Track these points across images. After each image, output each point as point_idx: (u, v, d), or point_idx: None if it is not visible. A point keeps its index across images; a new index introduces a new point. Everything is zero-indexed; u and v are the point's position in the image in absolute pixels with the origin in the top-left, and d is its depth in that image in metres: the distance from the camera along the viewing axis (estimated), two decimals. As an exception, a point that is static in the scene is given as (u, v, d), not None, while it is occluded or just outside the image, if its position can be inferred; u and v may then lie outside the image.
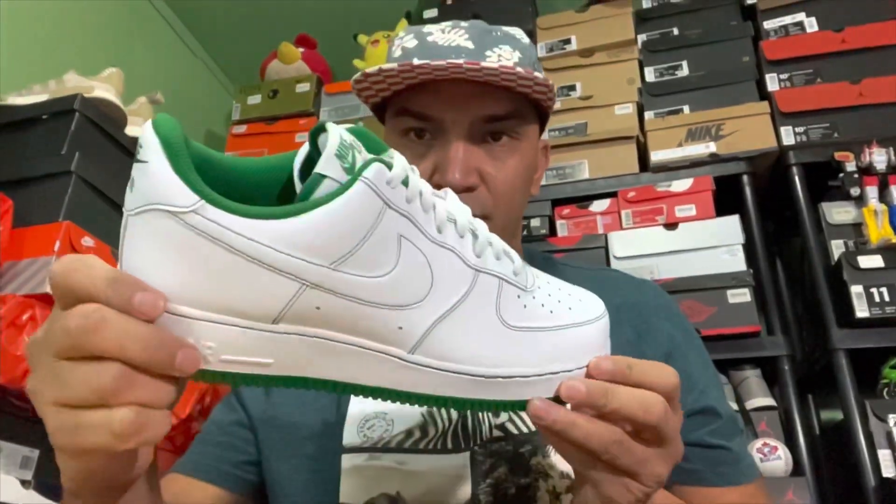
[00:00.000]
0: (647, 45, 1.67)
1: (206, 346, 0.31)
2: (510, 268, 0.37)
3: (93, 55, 1.72)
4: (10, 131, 1.28)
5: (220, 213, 0.30)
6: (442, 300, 0.35)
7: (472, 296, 0.35)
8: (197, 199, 0.29)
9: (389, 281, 0.33)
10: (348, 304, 0.32)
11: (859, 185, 1.32)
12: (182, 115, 2.05)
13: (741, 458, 0.61)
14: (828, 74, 1.48)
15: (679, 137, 1.52)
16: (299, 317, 0.32)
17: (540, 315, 0.37)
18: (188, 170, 0.30)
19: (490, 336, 0.36)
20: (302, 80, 1.95)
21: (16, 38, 1.52)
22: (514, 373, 0.36)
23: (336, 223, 0.31)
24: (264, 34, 2.14)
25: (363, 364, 0.35)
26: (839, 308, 1.27)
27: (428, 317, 0.34)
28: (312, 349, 0.33)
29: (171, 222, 0.30)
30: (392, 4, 2.03)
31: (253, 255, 0.30)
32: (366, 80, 0.62)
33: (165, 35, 2.12)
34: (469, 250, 0.36)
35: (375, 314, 0.33)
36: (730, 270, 1.35)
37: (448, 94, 0.61)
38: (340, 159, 0.31)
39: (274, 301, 0.31)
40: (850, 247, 1.33)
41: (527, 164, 0.65)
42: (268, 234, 0.30)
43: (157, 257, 0.30)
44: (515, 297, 0.37)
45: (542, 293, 0.38)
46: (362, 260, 0.32)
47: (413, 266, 0.34)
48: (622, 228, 1.49)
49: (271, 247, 0.30)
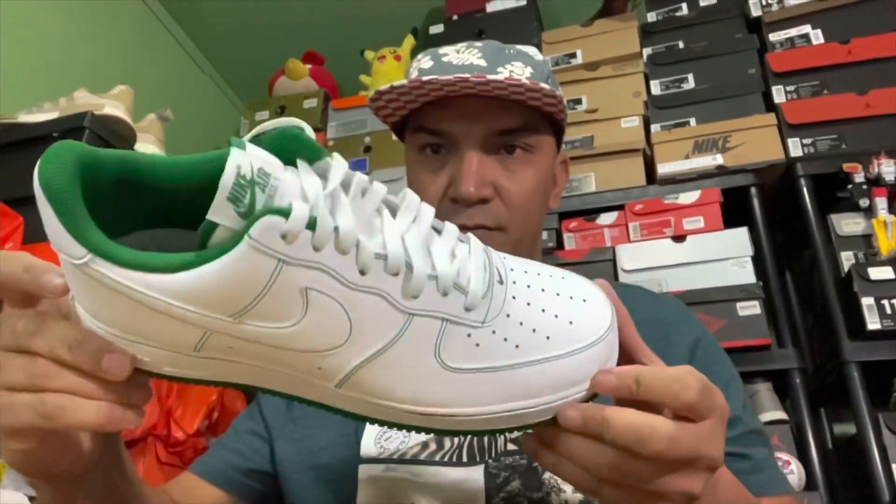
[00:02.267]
0: (652, 58, 1.67)
1: (142, 360, 0.32)
2: (460, 303, 0.33)
3: (103, 73, 1.74)
4: (22, 148, 1.29)
5: (110, 266, 0.28)
6: (364, 346, 0.31)
7: (402, 340, 0.32)
8: (85, 253, 0.28)
9: (298, 330, 0.30)
10: (260, 347, 0.31)
11: (868, 196, 1.31)
12: (191, 131, 2.07)
13: (762, 467, 0.59)
14: (834, 86, 1.48)
15: (686, 150, 1.52)
16: (216, 350, 0.31)
17: (499, 353, 0.33)
18: (75, 219, 0.28)
19: (426, 379, 0.33)
20: (309, 95, 1.96)
21: (27, 57, 1.54)
22: (455, 412, 0.33)
23: (226, 281, 0.28)
24: (272, 51, 2.16)
25: (297, 384, 0.33)
26: (850, 320, 1.25)
27: (348, 362, 0.32)
28: (242, 370, 0.33)
29: (75, 270, 0.29)
30: (398, 21, 2.05)
31: (151, 306, 0.29)
32: (381, 99, 0.64)
33: (175, 52, 2.14)
34: (399, 291, 0.31)
35: (290, 356, 0.31)
36: (739, 283, 1.34)
37: (461, 108, 0.63)
38: (234, 203, 0.28)
39: (186, 340, 0.30)
40: (860, 258, 1.32)
41: (542, 177, 0.65)
42: (161, 289, 0.28)
43: (82, 293, 0.31)
44: (464, 337, 0.33)
45: (511, 323, 0.34)
46: (263, 313, 0.29)
47: (325, 315, 0.30)
48: (630, 241, 1.48)
49: (166, 301, 0.29)
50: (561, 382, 0.34)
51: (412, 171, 0.68)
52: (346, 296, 0.30)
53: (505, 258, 0.37)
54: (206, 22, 2.13)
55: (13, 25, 1.51)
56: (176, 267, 0.28)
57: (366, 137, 1.83)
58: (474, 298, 0.33)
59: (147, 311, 0.29)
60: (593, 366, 0.35)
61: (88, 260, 0.29)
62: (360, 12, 2.10)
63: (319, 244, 0.29)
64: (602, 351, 0.35)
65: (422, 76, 0.63)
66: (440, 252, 0.33)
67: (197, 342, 0.31)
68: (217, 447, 0.67)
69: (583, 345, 0.34)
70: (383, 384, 0.32)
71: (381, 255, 0.31)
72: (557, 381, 0.34)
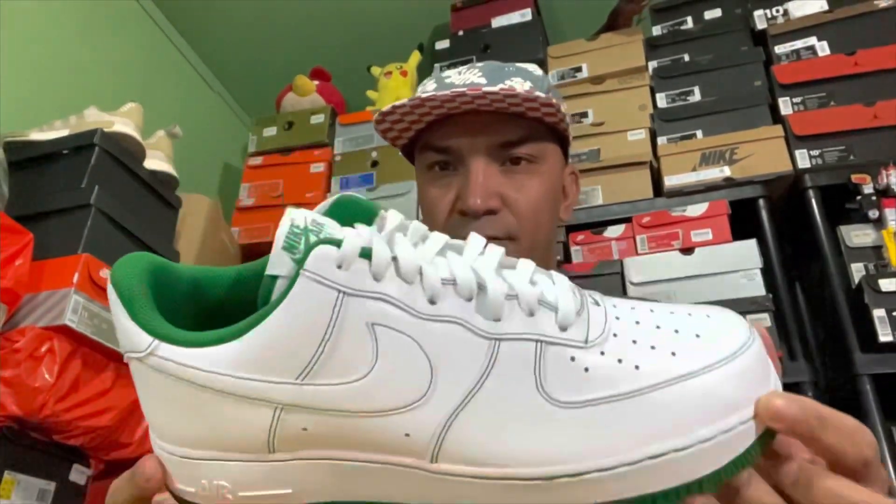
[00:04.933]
0: (658, 71, 1.68)
1: (221, 485, 0.30)
2: (551, 320, 0.28)
3: (113, 91, 1.76)
4: (32, 166, 1.30)
5: (173, 349, 0.28)
6: (450, 389, 0.27)
7: (492, 375, 0.27)
8: (151, 340, 0.28)
9: (372, 381, 0.27)
10: (336, 420, 0.27)
11: (877, 207, 1.31)
12: (199, 147, 2.08)
13: None
14: (841, 97, 1.48)
15: (693, 162, 1.52)
16: (292, 442, 0.28)
17: (616, 377, 0.27)
18: (139, 308, 0.28)
19: (534, 423, 0.27)
20: (317, 111, 1.97)
21: (38, 76, 1.56)
22: (584, 468, 0.26)
23: (286, 332, 0.26)
24: (280, 67, 2.18)
25: (385, 481, 0.29)
26: (862, 332, 1.24)
27: (436, 414, 0.27)
28: (325, 473, 0.29)
29: (143, 367, 0.29)
30: (404, 37, 2.07)
31: (214, 386, 0.27)
32: (385, 121, 0.66)
33: (183, 70, 2.16)
34: (477, 315, 0.27)
35: (372, 424, 0.27)
36: (749, 295, 1.34)
37: (464, 124, 0.64)
38: (290, 251, 0.27)
39: (256, 430, 0.28)
40: (871, 270, 1.31)
41: (549, 187, 0.66)
42: (222, 361, 0.27)
43: (151, 402, 0.30)
44: (568, 361, 0.27)
45: (621, 342, 0.28)
46: (332, 365, 0.27)
47: (399, 355, 0.27)
48: (637, 254, 1.48)
49: (229, 374, 0.27)
50: (712, 406, 0.27)
51: (423, 190, 0.69)
52: (418, 329, 0.27)
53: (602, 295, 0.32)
54: (214, 39, 2.16)
55: (24, 45, 1.53)
56: (240, 331, 0.27)
57: (373, 152, 1.84)
58: (567, 315, 0.28)
59: (212, 397, 0.28)
60: (743, 384, 0.27)
61: (154, 347, 0.28)
62: (367, 29, 2.11)
63: (378, 273, 0.27)
64: (752, 364, 0.28)
65: None
66: (517, 276, 0.29)
67: (269, 432, 0.28)
68: None
69: (721, 357, 0.27)
70: (483, 440, 0.27)
71: (448, 280, 0.27)
72: (707, 404, 0.26)
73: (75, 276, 1.09)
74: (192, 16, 2.07)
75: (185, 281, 0.31)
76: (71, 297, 1.07)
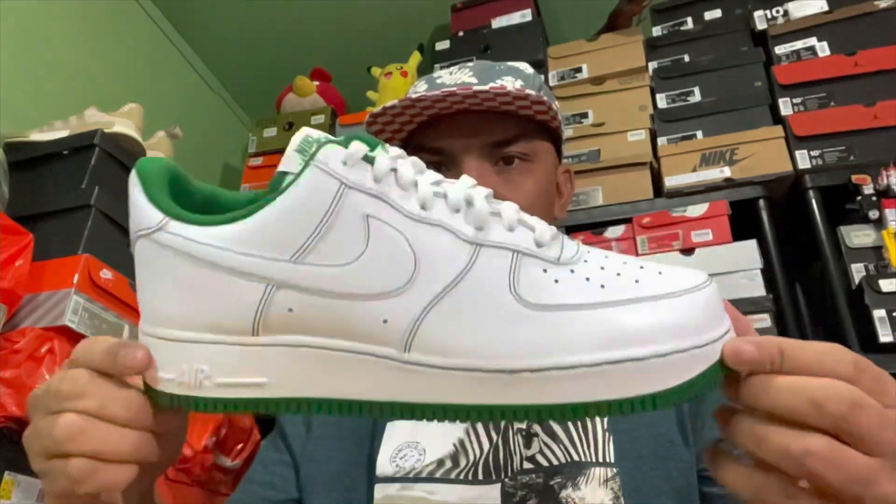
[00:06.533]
0: (658, 72, 1.67)
1: (200, 369, 0.31)
2: (529, 238, 0.31)
3: (113, 91, 1.76)
4: (32, 166, 1.31)
5: (182, 225, 0.30)
6: (430, 283, 0.29)
7: (470, 274, 0.29)
8: (162, 217, 0.31)
9: (360, 266, 0.29)
10: (321, 301, 0.30)
11: (878, 207, 1.31)
12: (200, 148, 2.08)
13: None
14: (841, 98, 1.47)
15: (693, 162, 1.52)
16: (276, 324, 0.30)
17: (583, 291, 0.29)
18: (156, 192, 0.31)
19: (505, 321, 0.29)
20: (317, 112, 1.97)
21: (38, 76, 1.56)
22: (547, 365, 0.28)
23: (289, 214, 0.29)
24: (280, 68, 2.18)
25: (359, 374, 0.30)
26: (862, 333, 1.24)
27: (414, 304, 0.29)
28: (301, 362, 0.31)
29: (149, 243, 0.31)
30: (405, 37, 2.06)
31: (214, 260, 0.30)
32: (376, 122, 0.66)
33: (183, 70, 2.16)
34: (463, 224, 0.30)
35: (353, 308, 0.30)
36: (749, 296, 1.34)
37: (455, 125, 0.64)
38: (302, 154, 0.30)
39: (245, 308, 0.30)
40: (871, 270, 1.31)
41: (543, 186, 0.66)
42: (225, 238, 0.30)
43: (150, 282, 0.32)
44: (541, 272, 0.30)
45: (590, 267, 0.30)
46: (325, 247, 0.29)
47: (387, 246, 0.29)
48: (638, 255, 1.47)
49: (230, 249, 0.30)
50: (670, 328, 0.28)
51: None
52: (408, 227, 0.30)
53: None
54: (214, 40, 2.16)
55: (24, 45, 1.53)
56: (243, 216, 0.30)
57: (373, 153, 1.84)
58: (542, 235, 0.31)
59: (209, 273, 0.30)
60: (704, 315, 0.29)
61: (164, 224, 0.30)
62: (367, 29, 2.11)
63: (379, 175, 0.30)
64: (709, 302, 0.30)
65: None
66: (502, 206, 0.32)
67: (256, 311, 0.30)
68: (247, 483, 0.66)
69: (682, 289, 0.29)
70: (454, 332, 0.29)
71: (440, 193, 0.31)
72: (665, 325, 0.28)
73: (75, 277, 1.09)
74: (192, 16, 2.07)
75: (201, 192, 0.34)
76: (71, 297, 1.07)
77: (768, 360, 0.29)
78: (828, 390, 0.28)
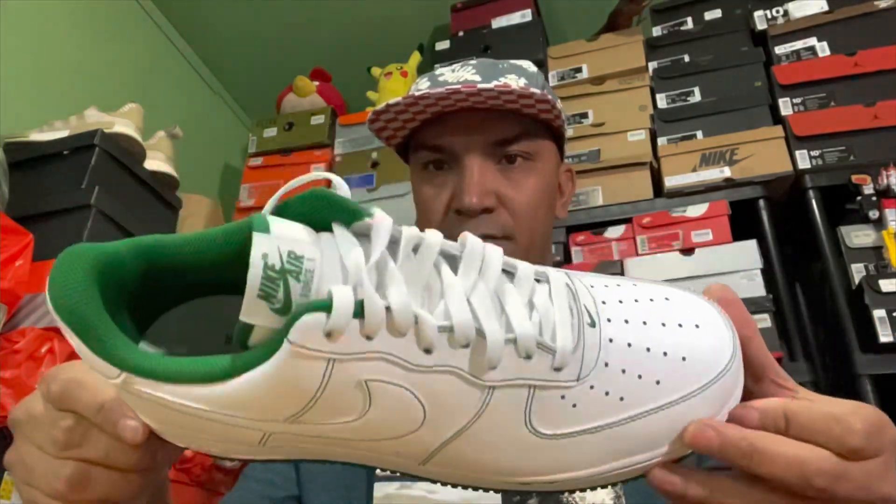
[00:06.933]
0: (658, 72, 1.67)
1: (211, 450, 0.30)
2: (547, 364, 0.28)
3: (113, 91, 1.76)
4: (32, 166, 1.31)
5: (149, 382, 0.26)
6: (443, 427, 0.28)
7: (484, 416, 0.28)
8: (118, 373, 0.26)
9: (364, 423, 0.27)
10: (326, 442, 0.28)
11: (878, 207, 1.31)
12: (200, 148, 2.08)
13: None
14: (841, 98, 1.47)
15: (693, 162, 1.52)
16: (283, 442, 0.28)
17: (603, 409, 0.28)
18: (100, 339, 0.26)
19: (520, 450, 0.28)
20: (317, 112, 1.97)
21: (38, 76, 1.56)
22: (560, 478, 0.29)
23: (272, 390, 0.25)
24: (280, 68, 2.18)
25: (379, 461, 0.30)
26: (862, 333, 1.24)
27: (430, 443, 0.28)
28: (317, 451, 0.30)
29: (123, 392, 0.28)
30: (404, 37, 2.06)
31: (199, 416, 0.26)
32: (379, 120, 0.65)
33: (183, 70, 2.16)
34: (473, 364, 0.27)
35: (363, 446, 0.28)
36: (749, 296, 1.33)
37: (458, 122, 0.63)
38: (268, 300, 0.24)
39: (249, 439, 0.28)
40: (871, 270, 1.31)
41: (545, 185, 0.66)
42: (207, 400, 0.26)
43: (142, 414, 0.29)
44: (558, 400, 0.28)
45: (611, 373, 0.28)
46: (321, 413, 0.26)
47: (392, 404, 0.26)
48: (638, 255, 1.48)
49: (213, 411, 0.26)
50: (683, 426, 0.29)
51: (417, 190, 0.68)
52: (413, 380, 0.26)
53: (592, 286, 0.31)
54: (214, 40, 2.16)
55: (24, 45, 1.53)
56: (217, 376, 0.25)
57: (373, 153, 1.84)
58: (563, 355, 0.28)
59: (197, 421, 0.27)
60: (717, 403, 0.30)
61: (125, 379, 0.26)
62: (367, 29, 2.11)
63: (371, 331, 0.25)
64: (725, 385, 0.30)
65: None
66: (516, 306, 0.28)
67: (260, 440, 0.28)
68: (246, 480, 0.66)
69: (701, 384, 0.29)
70: (473, 458, 0.29)
71: (445, 327, 0.26)
72: (680, 426, 0.29)
73: (75, 277, 1.09)
74: (192, 16, 2.07)
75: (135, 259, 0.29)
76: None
77: (772, 427, 0.29)
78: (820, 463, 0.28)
